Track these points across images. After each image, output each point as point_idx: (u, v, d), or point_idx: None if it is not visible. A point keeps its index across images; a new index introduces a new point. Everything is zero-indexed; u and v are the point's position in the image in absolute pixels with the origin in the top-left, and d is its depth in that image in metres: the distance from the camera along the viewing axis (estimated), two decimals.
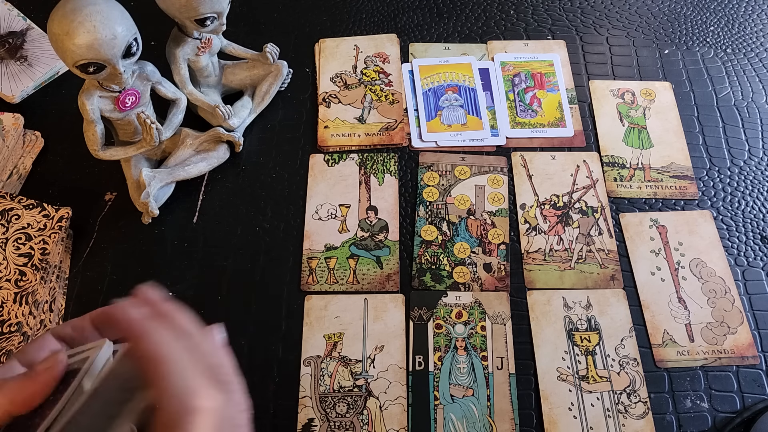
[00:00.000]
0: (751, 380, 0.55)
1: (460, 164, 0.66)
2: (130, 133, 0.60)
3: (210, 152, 0.64)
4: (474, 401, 0.54)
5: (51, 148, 0.66)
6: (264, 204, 0.64)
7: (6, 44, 0.71)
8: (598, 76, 0.72)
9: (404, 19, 0.77)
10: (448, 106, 0.70)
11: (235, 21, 0.70)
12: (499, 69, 0.73)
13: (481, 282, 0.60)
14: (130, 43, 0.51)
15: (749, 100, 0.71)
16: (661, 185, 0.65)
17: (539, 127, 0.69)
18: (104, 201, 0.64)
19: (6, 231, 0.56)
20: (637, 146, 0.68)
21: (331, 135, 0.68)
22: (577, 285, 0.60)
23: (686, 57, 0.74)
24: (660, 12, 0.78)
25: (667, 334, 0.57)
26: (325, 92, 0.71)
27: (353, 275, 0.60)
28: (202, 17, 0.57)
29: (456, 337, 0.57)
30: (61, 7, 0.48)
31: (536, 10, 0.78)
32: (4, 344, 0.52)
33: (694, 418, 0.54)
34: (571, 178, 0.66)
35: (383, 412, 0.54)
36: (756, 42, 0.76)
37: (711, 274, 0.60)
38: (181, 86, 0.62)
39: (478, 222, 0.63)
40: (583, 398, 0.54)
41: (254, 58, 0.67)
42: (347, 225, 0.62)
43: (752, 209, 0.64)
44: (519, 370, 0.56)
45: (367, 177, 0.65)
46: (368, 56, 0.73)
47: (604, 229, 0.63)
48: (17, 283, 0.54)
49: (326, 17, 0.77)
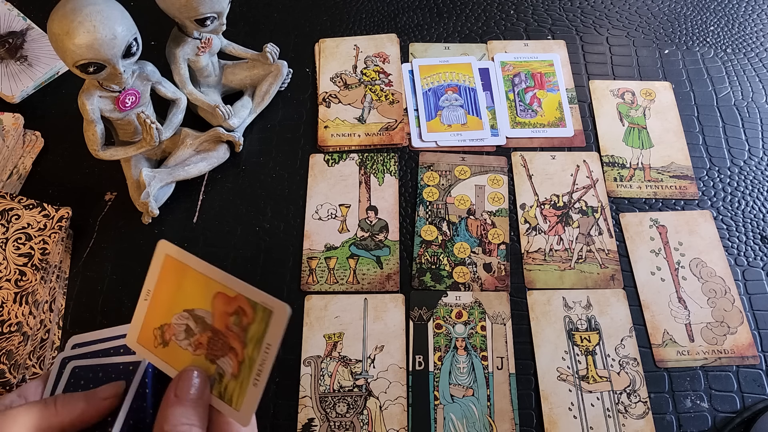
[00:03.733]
0: (751, 380, 0.55)
1: (460, 164, 0.66)
2: (130, 133, 0.60)
3: (210, 152, 0.64)
4: (474, 401, 0.54)
5: (51, 148, 0.66)
6: (264, 204, 0.64)
7: (6, 44, 0.71)
8: (598, 76, 0.73)
9: (404, 19, 0.77)
10: (448, 106, 0.70)
11: (235, 21, 0.70)
12: (499, 69, 0.73)
13: (481, 282, 0.60)
14: (130, 43, 0.51)
15: (749, 100, 0.71)
16: (661, 185, 0.65)
17: (539, 127, 0.69)
18: (104, 201, 0.64)
19: (6, 231, 0.56)
20: (637, 146, 0.68)
21: (331, 135, 0.68)
22: (577, 285, 0.60)
23: (686, 57, 0.74)
24: (660, 12, 0.78)
25: (667, 334, 0.57)
26: (325, 92, 0.71)
27: (353, 275, 0.60)
28: (202, 17, 0.57)
29: (456, 337, 0.57)
30: (61, 7, 0.48)
31: (536, 10, 0.78)
32: (4, 344, 0.52)
33: (694, 418, 0.54)
34: (571, 178, 0.66)
35: (383, 412, 0.54)
36: (756, 42, 0.76)
37: (711, 274, 0.60)
38: (181, 86, 0.62)
39: (478, 222, 0.63)
40: (583, 398, 0.54)
41: (254, 58, 0.67)
42: (347, 225, 0.62)
43: (752, 209, 0.64)
44: (519, 370, 0.56)
45: (367, 177, 0.65)
46: (368, 56, 0.73)
47: (604, 229, 0.63)
48: (17, 283, 0.54)
49: (326, 17, 0.77)
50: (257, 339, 0.31)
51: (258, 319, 0.31)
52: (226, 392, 0.32)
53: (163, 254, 0.35)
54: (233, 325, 0.32)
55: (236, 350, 0.32)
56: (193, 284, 0.33)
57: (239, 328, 0.32)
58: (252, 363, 0.31)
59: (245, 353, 0.31)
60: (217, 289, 0.33)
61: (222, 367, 0.32)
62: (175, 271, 0.34)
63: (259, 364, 0.31)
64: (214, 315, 0.33)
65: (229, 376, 0.32)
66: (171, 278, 0.34)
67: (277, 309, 0.31)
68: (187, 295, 0.34)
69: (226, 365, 0.32)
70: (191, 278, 0.34)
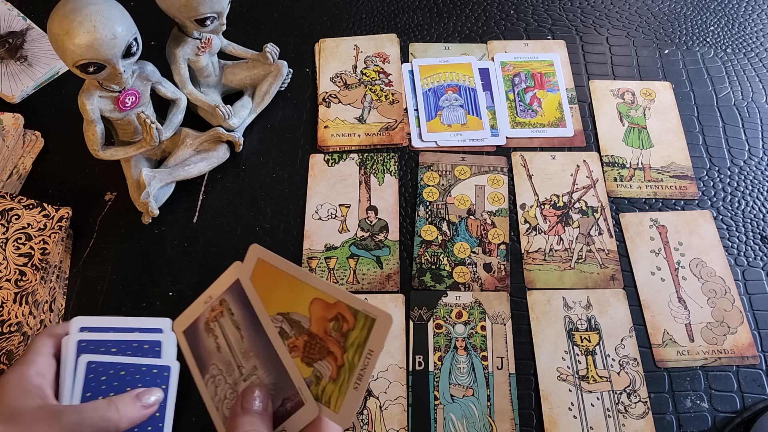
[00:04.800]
0: (751, 380, 0.55)
1: (460, 164, 0.66)
2: (130, 133, 0.60)
3: (210, 152, 0.64)
4: (474, 401, 0.54)
5: (51, 148, 0.66)
6: (264, 204, 0.64)
7: (6, 44, 0.71)
8: (598, 76, 0.73)
9: (404, 19, 0.77)
10: (448, 106, 0.70)
11: (235, 21, 0.70)
12: (499, 69, 0.73)
13: (481, 282, 0.60)
14: (130, 43, 0.51)
15: (749, 100, 0.71)
16: (661, 185, 0.65)
17: (539, 127, 0.69)
18: (104, 201, 0.64)
19: (6, 231, 0.56)
20: (637, 146, 0.68)
21: (331, 135, 0.68)
22: (577, 285, 0.60)
23: (686, 57, 0.74)
24: (660, 12, 0.78)
25: (667, 334, 0.57)
26: (325, 92, 0.71)
27: (353, 275, 0.60)
28: (202, 17, 0.57)
29: (456, 337, 0.57)
30: (61, 7, 0.48)
31: (536, 10, 0.78)
32: (4, 344, 0.52)
33: (694, 418, 0.54)
34: (571, 178, 0.66)
35: (383, 412, 0.54)
36: (756, 42, 0.76)
37: (711, 274, 0.60)
38: (181, 86, 0.62)
39: (478, 222, 0.63)
40: (583, 398, 0.54)
41: (254, 58, 0.67)
42: (347, 225, 0.62)
43: (752, 209, 0.64)
44: (519, 370, 0.56)
45: (367, 177, 0.65)
46: (368, 56, 0.73)
47: (604, 229, 0.63)
48: (17, 283, 0.54)
49: (326, 17, 0.77)
50: (358, 345, 0.33)
51: (359, 326, 0.33)
52: (323, 394, 0.33)
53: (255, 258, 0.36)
54: (332, 330, 0.34)
55: (335, 354, 0.33)
56: (289, 289, 0.35)
57: (338, 334, 0.33)
58: (352, 368, 0.33)
59: (345, 358, 0.33)
60: (314, 295, 0.34)
61: (319, 369, 0.34)
62: (268, 275, 0.36)
63: (360, 369, 0.32)
64: (311, 320, 0.34)
65: (327, 379, 0.33)
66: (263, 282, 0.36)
67: (380, 317, 0.32)
68: (281, 299, 0.35)
69: (324, 368, 0.34)
70: (287, 282, 0.35)
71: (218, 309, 0.37)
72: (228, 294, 0.36)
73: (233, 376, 0.36)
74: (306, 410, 0.34)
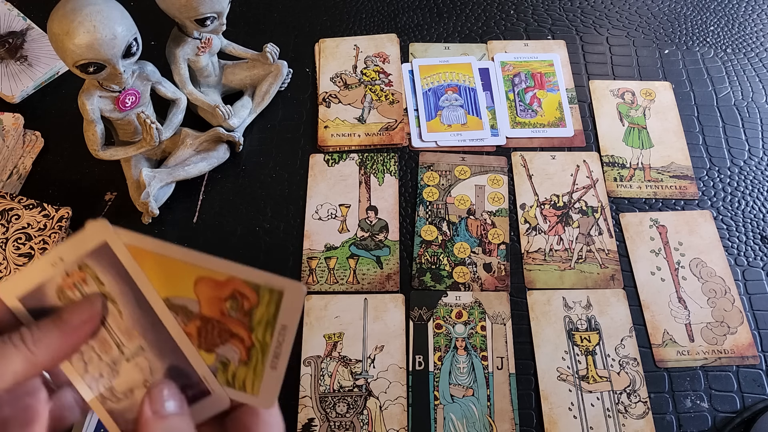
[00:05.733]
0: (751, 380, 0.55)
1: (460, 164, 0.66)
2: (130, 133, 0.60)
3: (210, 152, 0.64)
4: (474, 401, 0.54)
5: (51, 148, 0.66)
6: (264, 204, 0.64)
7: (6, 44, 0.71)
8: (598, 76, 0.73)
9: (404, 19, 0.77)
10: (448, 106, 0.70)
11: (235, 21, 0.70)
12: (499, 69, 0.73)
13: (481, 282, 0.60)
14: (130, 43, 0.51)
15: (749, 100, 0.71)
16: (661, 185, 0.65)
17: (539, 127, 0.69)
18: (104, 201, 0.64)
19: (6, 231, 0.56)
20: (637, 146, 0.68)
21: (331, 135, 0.68)
22: (577, 285, 0.60)
23: (686, 57, 0.74)
24: (660, 12, 0.78)
25: (667, 334, 0.57)
26: (325, 92, 0.71)
27: (353, 275, 0.60)
28: (202, 17, 0.57)
29: (456, 337, 0.57)
30: (61, 7, 0.48)
31: (536, 10, 0.78)
32: None
33: (694, 418, 0.54)
34: (571, 178, 0.66)
35: (383, 412, 0.54)
36: (756, 42, 0.76)
37: (711, 274, 0.60)
38: (181, 86, 0.62)
39: (478, 222, 0.63)
40: (583, 398, 0.54)
41: (254, 58, 0.67)
42: (347, 225, 0.62)
43: (752, 209, 0.64)
44: (519, 370, 0.56)
45: (367, 177, 0.65)
46: (368, 56, 0.73)
47: (604, 229, 0.63)
48: None
49: (326, 17, 0.77)
50: (267, 322, 0.30)
51: (264, 302, 0.30)
52: (235, 379, 0.31)
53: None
54: (230, 310, 0.30)
55: (241, 336, 0.30)
56: (161, 270, 0.30)
57: (240, 313, 0.30)
58: (265, 347, 0.30)
59: (254, 338, 0.30)
60: (197, 274, 0.30)
61: (224, 354, 0.31)
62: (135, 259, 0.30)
63: (275, 347, 0.30)
64: (200, 302, 0.30)
65: (237, 362, 0.30)
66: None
67: (288, 289, 0.29)
68: (155, 284, 0.30)
69: (230, 352, 0.30)
70: (156, 264, 0.30)
71: (78, 275, 0.30)
72: (91, 259, 0.30)
73: (111, 355, 0.31)
74: (213, 400, 0.31)
